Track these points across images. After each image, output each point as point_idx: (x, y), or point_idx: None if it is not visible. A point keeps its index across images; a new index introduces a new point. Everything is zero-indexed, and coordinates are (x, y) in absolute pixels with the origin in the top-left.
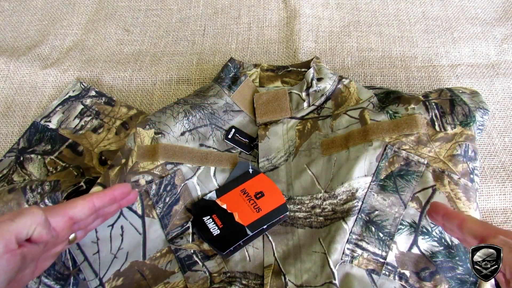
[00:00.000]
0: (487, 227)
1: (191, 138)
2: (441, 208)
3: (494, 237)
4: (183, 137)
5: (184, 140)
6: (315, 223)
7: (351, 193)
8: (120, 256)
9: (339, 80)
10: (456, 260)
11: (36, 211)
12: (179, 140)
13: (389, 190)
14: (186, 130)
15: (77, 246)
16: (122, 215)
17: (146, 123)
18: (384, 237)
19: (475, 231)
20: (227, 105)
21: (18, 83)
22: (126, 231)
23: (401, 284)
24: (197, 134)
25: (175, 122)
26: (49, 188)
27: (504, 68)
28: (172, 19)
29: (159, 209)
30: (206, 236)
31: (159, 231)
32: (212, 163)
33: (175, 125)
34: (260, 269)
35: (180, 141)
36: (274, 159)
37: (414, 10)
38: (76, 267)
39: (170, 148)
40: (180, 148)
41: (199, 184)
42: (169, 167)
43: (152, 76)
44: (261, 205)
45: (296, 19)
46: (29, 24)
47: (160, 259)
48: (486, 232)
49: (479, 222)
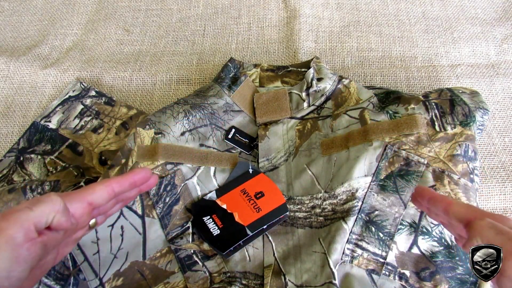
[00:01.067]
0: (474, 210)
1: (191, 138)
2: (427, 192)
3: (480, 219)
4: (183, 137)
5: (184, 140)
6: (315, 223)
7: (351, 193)
8: (120, 256)
9: (339, 80)
10: (456, 260)
11: (54, 198)
12: (179, 140)
13: (389, 190)
14: (186, 130)
15: (77, 246)
16: (122, 215)
17: (146, 123)
18: (384, 237)
19: (461, 214)
20: (227, 105)
21: (18, 83)
22: (126, 231)
23: (401, 284)
24: (197, 134)
25: (175, 122)
26: (49, 188)
27: (504, 68)
28: (172, 19)
29: (159, 209)
30: (206, 236)
31: (159, 231)
32: (212, 163)
33: (175, 125)
34: (260, 269)
35: (180, 141)
36: (274, 159)
37: (414, 10)
38: (76, 267)
39: (170, 148)
40: (180, 148)
41: (199, 184)
42: (169, 167)
43: (152, 76)
44: (261, 205)
45: (296, 19)
46: (29, 24)
47: (160, 259)
48: (472, 215)
49: (466, 205)
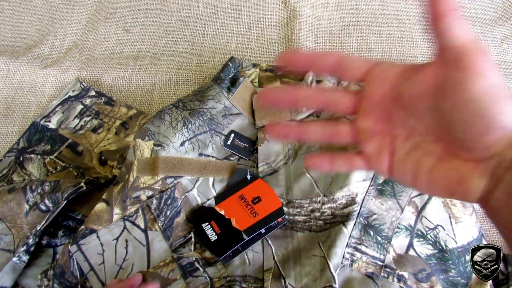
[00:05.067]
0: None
1: (190, 148)
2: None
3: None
4: (182, 148)
5: (183, 150)
6: (315, 227)
7: (351, 198)
8: (126, 267)
9: (338, 82)
10: (449, 263)
11: None
12: (179, 151)
13: (387, 195)
14: (186, 139)
15: (83, 257)
16: (126, 229)
17: (145, 134)
18: (382, 240)
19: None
20: (225, 109)
21: (18, 83)
22: (131, 244)
23: (400, 285)
24: (197, 142)
25: (174, 133)
26: (49, 188)
27: (504, 68)
28: (172, 19)
29: (160, 222)
30: (204, 242)
31: (162, 242)
32: (211, 173)
33: (175, 135)
34: (260, 273)
35: (179, 151)
36: (273, 163)
37: (414, 10)
38: (83, 276)
39: (170, 161)
40: (180, 160)
41: (199, 196)
42: (169, 181)
43: (152, 76)
44: (258, 210)
45: (296, 19)
46: (29, 24)
47: (163, 268)
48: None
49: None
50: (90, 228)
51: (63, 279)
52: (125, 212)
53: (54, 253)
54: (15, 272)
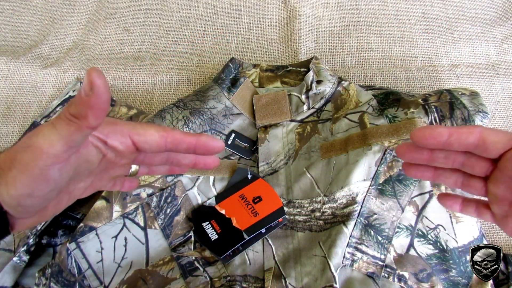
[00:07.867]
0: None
1: None
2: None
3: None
4: None
5: None
6: (315, 227)
7: (351, 198)
8: (124, 265)
9: (338, 82)
10: (450, 263)
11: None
12: None
13: (388, 195)
14: None
15: (81, 254)
16: (125, 227)
17: None
18: (383, 240)
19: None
20: (226, 109)
21: (18, 83)
22: (129, 242)
23: (400, 285)
24: None
25: None
26: None
27: (504, 68)
28: (172, 19)
29: (160, 221)
30: (205, 241)
31: (162, 241)
32: (212, 172)
33: None
34: (260, 273)
35: None
36: (274, 162)
37: (414, 10)
38: (81, 274)
39: None
40: None
41: (200, 194)
42: (169, 179)
43: (152, 76)
44: (259, 210)
45: (296, 19)
46: (29, 24)
47: (162, 267)
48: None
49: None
50: (89, 225)
51: (61, 277)
52: (124, 210)
53: (54, 252)
54: (15, 272)
